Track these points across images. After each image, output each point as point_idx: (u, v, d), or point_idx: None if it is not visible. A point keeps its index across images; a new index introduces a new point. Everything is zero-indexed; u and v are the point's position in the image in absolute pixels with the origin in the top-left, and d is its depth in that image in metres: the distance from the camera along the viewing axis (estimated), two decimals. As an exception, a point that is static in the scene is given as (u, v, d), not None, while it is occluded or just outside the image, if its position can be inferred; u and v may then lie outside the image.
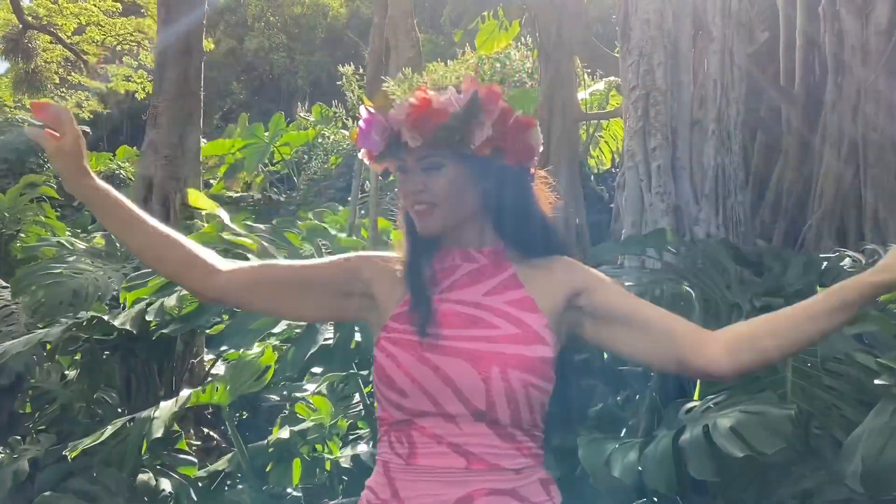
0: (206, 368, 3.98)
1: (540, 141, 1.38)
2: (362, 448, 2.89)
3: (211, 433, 3.82)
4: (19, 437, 3.66)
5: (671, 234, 3.01)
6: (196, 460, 2.76)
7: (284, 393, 3.01)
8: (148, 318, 2.69)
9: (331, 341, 2.52)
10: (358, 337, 2.54)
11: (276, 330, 2.95)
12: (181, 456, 2.85)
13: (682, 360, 1.31)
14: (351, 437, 3.23)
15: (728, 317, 2.40)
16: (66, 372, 4.01)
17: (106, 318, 2.98)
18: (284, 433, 2.65)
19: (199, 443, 3.69)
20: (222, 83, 29.18)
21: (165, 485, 2.60)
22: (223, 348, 2.79)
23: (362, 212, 7.76)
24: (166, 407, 2.22)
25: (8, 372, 3.83)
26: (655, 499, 2.21)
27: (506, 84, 10.16)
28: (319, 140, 11.29)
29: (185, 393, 2.26)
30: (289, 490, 3.08)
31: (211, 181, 11.09)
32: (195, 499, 2.61)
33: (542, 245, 1.40)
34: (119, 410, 3.44)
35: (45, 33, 16.07)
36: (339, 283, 1.42)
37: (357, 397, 3.04)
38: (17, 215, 5.11)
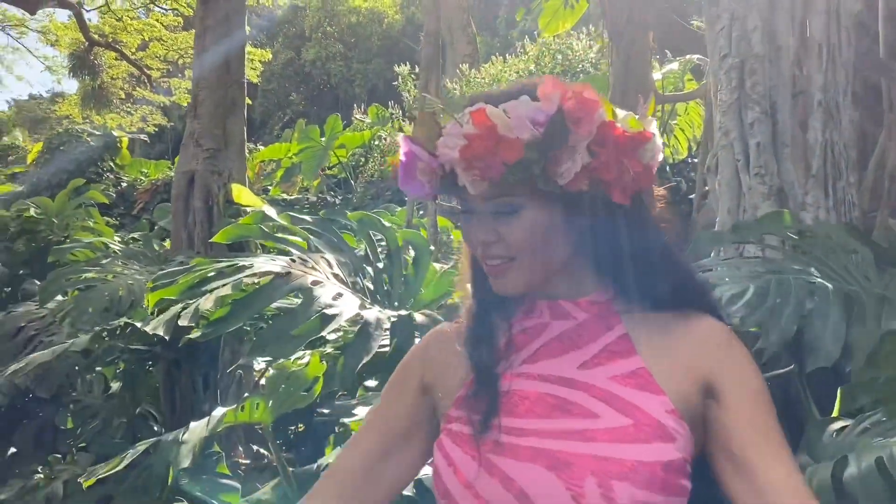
0: (256, 378, 3.66)
1: (659, 154, 0.95)
2: (425, 471, 2.49)
3: (262, 451, 3.50)
4: (59, 455, 3.41)
5: (789, 217, 2.53)
6: (239, 486, 2.42)
7: (337, 404, 2.64)
8: (181, 322, 2.36)
9: (387, 348, 2.15)
10: (419, 340, 2.16)
11: (330, 336, 2.61)
12: (223, 481, 2.51)
13: None
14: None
15: (877, 314, 1.92)
16: (111, 384, 3.77)
17: (139, 324, 2.68)
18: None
19: (247, 462, 3.37)
20: (282, 94, 29.58)
21: (203, 515, 2.27)
22: (264, 358, 2.44)
23: (420, 212, 7.42)
24: (196, 429, 1.89)
25: (48, 384, 3.60)
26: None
27: (569, 76, 9.69)
28: (376, 142, 11.03)
29: (218, 412, 1.93)
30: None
31: (268, 187, 10.95)
32: (237, 531, 2.26)
33: (669, 292, 0.98)
34: (156, 429, 3.14)
35: (111, 50, 16.43)
36: (417, 417, 1.07)
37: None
38: (65, 221, 4.95)
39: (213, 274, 2.09)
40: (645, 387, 0.92)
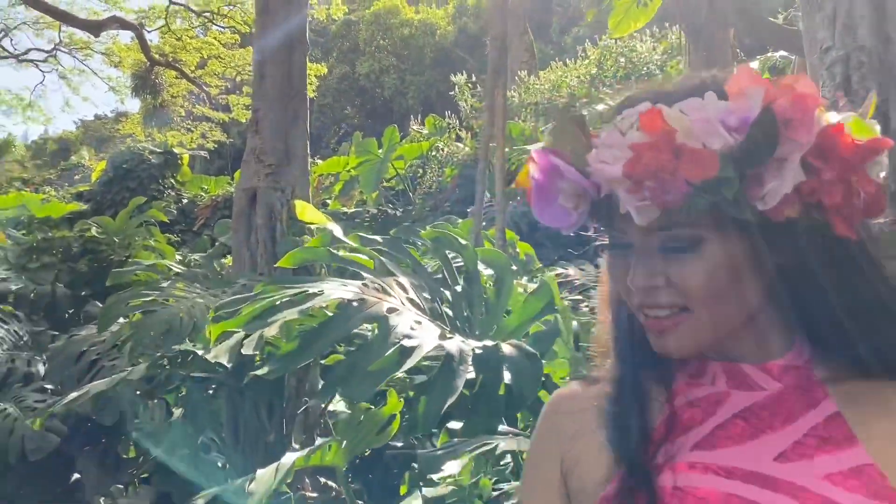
0: (324, 406, 3.47)
1: (885, 171, 0.70)
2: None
3: (329, 483, 3.30)
4: (121, 486, 3.29)
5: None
6: (308, 530, 2.21)
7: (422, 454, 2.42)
8: (245, 350, 2.19)
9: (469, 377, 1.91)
10: (507, 376, 1.91)
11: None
12: (291, 523, 2.31)
13: None
14: (495, 494, 2.61)
15: None
16: (173, 409, 3.64)
17: (200, 352, 2.51)
18: (416, 501, 2.05)
19: (315, 495, 3.18)
20: (337, 108, 29.86)
21: (271, 564, 2.07)
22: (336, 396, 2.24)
23: (482, 223, 7.18)
24: (264, 478, 1.69)
25: (110, 411, 3.49)
26: None
27: (632, 80, 9.35)
28: (433, 153, 10.86)
29: (287, 459, 1.73)
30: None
31: (327, 200, 10.90)
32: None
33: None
34: (220, 464, 2.97)
35: (171, 69, 16.78)
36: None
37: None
38: (126, 240, 4.89)
39: (280, 303, 1.90)
40: (876, 491, 0.66)
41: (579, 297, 4.57)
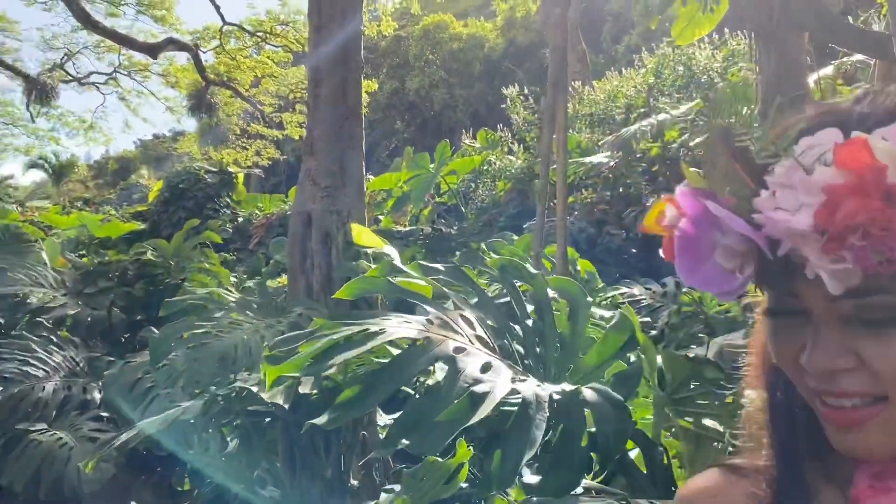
0: (382, 437, 3.32)
1: None
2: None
3: (387, 520, 3.14)
4: (176, 521, 3.19)
5: None
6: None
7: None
8: (302, 390, 2.05)
9: (547, 432, 1.72)
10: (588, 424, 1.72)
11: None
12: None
13: None
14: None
15: None
16: (227, 439, 3.54)
17: (255, 389, 2.39)
18: (486, 559, 1.88)
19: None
20: (387, 124, 30.10)
21: None
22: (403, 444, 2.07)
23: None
24: (323, 539, 1.55)
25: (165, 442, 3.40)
26: None
27: (691, 87, 9.03)
28: (485, 167, 10.70)
29: (348, 516, 1.59)
30: None
31: (379, 217, 10.84)
32: None
33: None
34: (276, 506, 2.85)
35: (226, 88, 17.09)
36: None
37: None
38: (181, 263, 4.85)
39: (339, 343, 1.75)
40: None
41: (647, 318, 4.35)
